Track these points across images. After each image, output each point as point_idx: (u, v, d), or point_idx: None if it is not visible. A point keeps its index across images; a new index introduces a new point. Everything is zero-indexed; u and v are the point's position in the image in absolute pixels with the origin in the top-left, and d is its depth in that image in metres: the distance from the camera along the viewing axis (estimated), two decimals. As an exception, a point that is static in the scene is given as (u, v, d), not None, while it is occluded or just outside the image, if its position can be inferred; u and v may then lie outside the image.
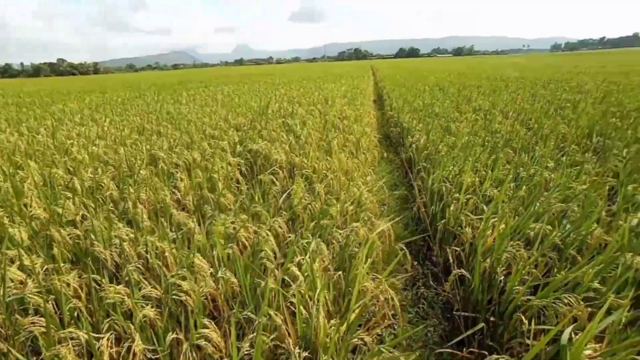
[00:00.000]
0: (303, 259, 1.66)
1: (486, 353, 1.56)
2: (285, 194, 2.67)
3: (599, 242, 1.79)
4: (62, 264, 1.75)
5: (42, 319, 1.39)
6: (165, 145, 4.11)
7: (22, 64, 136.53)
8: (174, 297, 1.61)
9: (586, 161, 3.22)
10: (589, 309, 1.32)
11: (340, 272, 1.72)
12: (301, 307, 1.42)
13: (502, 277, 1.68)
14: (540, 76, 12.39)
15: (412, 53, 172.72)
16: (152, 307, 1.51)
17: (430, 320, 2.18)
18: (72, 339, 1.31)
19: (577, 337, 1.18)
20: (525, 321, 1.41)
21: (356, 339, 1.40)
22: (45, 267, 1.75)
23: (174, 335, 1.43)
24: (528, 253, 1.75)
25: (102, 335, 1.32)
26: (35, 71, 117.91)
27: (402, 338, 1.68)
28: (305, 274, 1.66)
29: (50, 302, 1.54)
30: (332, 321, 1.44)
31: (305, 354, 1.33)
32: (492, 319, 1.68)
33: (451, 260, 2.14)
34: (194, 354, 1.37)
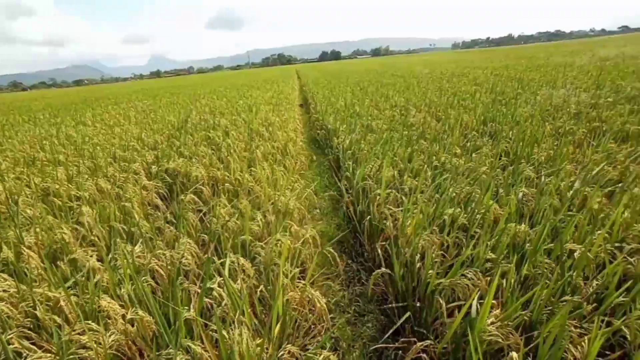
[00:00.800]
0: (222, 280, 1.55)
1: (416, 340, 1.63)
2: (203, 213, 2.50)
3: (496, 216, 2.00)
4: None
5: None
6: (63, 175, 3.56)
7: None
8: (74, 356, 1.37)
9: (484, 145, 3.65)
10: (489, 279, 1.45)
11: (262, 287, 1.65)
12: (223, 332, 1.32)
13: (419, 264, 1.77)
14: (445, 71, 13.85)
15: (335, 56, 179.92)
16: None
17: (367, 316, 2.23)
18: None
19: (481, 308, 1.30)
20: (442, 302, 1.50)
21: (283, 352, 1.34)
22: None
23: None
24: (442, 238, 1.88)
25: None
26: None
27: (324, 341, 1.66)
28: (229, 294, 1.55)
29: None
30: (258, 340, 1.35)
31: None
32: (418, 305, 1.77)
33: (380, 255, 2.21)
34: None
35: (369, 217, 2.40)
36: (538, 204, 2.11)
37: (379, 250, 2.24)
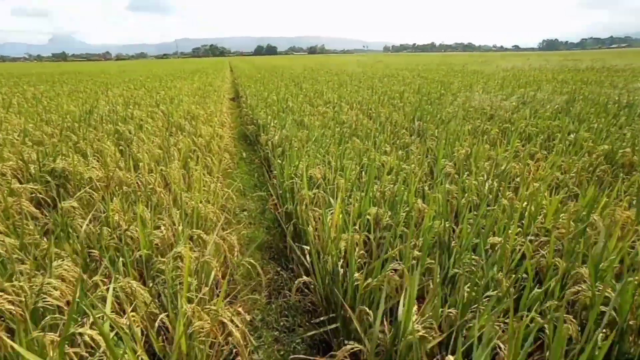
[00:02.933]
0: (101, 315, 1.19)
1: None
2: (99, 223, 2.02)
3: (422, 214, 1.96)
4: None
5: None
6: None
7: None
8: None
9: (412, 142, 3.73)
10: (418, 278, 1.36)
11: (162, 316, 1.32)
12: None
13: (343, 270, 1.63)
14: (376, 72, 14.42)
15: (270, 51, 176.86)
16: None
17: (297, 331, 2.02)
18: None
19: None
20: (365, 307, 1.37)
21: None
22: None
23: None
24: (364, 236, 1.77)
25: None
26: None
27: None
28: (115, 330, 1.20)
29: None
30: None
31: None
32: (347, 314, 1.62)
33: (306, 261, 2.02)
34: None
35: (292, 221, 2.20)
36: (459, 201, 2.14)
37: (305, 256, 2.05)
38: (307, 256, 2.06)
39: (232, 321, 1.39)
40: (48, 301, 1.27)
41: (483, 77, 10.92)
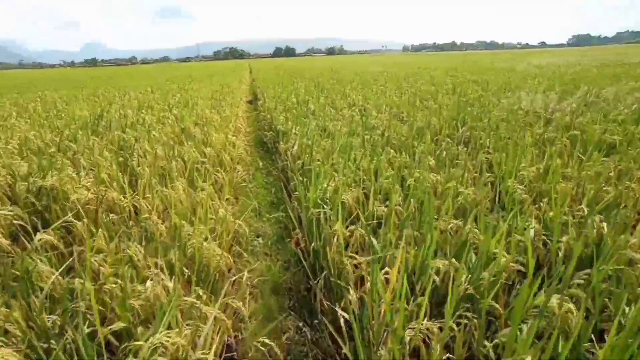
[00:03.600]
0: None
1: None
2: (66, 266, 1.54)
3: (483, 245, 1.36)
4: None
5: None
6: None
7: None
8: None
9: (460, 153, 3.09)
10: None
11: None
12: None
13: None
14: (399, 71, 13.68)
15: (289, 52, 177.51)
16: None
17: None
18: None
19: None
20: None
21: None
22: None
23: None
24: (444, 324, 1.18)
25: None
26: None
27: None
28: None
29: None
30: None
31: None
32: None
33: (343, 329, 1.46)
34: None
35: (324, 273, 1.64)
36: (559, 248, 1.51)
37: (341, 321, 1.49)
38: (340, 319, 1.50)
39: None
40: None
41: (517, 75, 10.01)
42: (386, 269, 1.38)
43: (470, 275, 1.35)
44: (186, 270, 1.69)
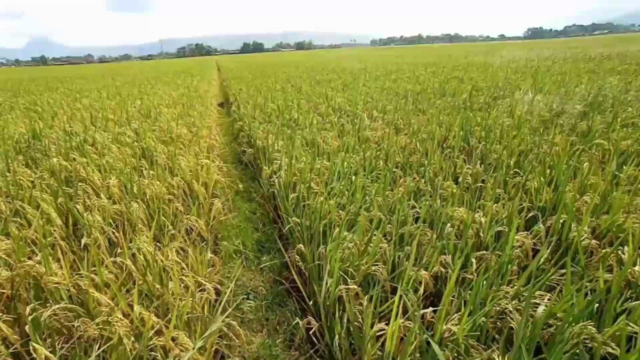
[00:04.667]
0: None
1: None
2: None
3: None
4: None
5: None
6: None
7: None
8: None
9: (475, 170, 2.64)
10: None
11: None
12: None
13: None
14: (377, 67, 13.29)
15: (257, 48, 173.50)
16: None
17: None
18: None
19: None
20: None
21: None
22: None
23: None
24: None
25: None
26: None
27: None
28: None
29: None
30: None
31: None
32: None
33: None
34: None
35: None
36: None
37: None
38: None
39: None
40: None
41: (497, 70, 9.89)
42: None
43: None
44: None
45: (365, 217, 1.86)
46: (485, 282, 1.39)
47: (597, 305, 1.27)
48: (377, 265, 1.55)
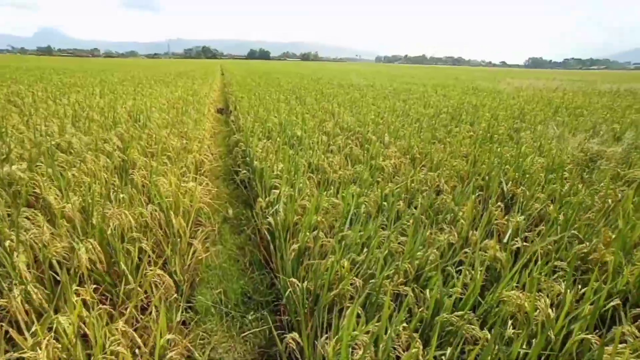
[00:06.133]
0: None
1: None
2: None
3: None
4: None
5: None
6: None
7: None
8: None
9: (520, 229, 2.16)
10: None
11: None
12: None
13: None
14: (385, 84, 12.97)
15: (263, 55, 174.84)
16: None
17: None
18: None
19: None
20: None
21: None
22: None
23: None
24: None
25: None
26: None
27: None
28: None
29: None
30: None
31: None
32: None
33: None
34: None
35: None
36: None
37: None
38: None
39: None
40: None
41: (507, 98, 9.58)
42: None
43: None
44: None
45: (389, 298, 1.36)
46: None
47: None
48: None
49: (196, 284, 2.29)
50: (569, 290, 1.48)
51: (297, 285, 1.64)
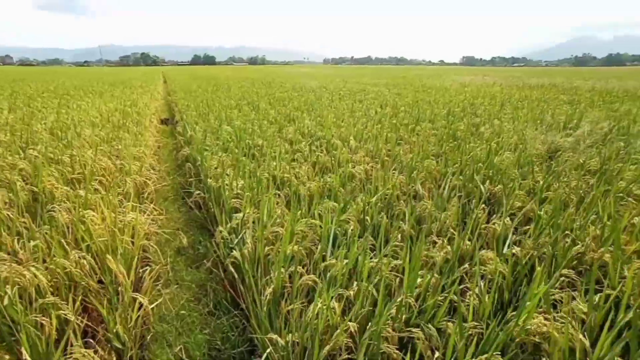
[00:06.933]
0: None
1: None
2: None
3: None
4: None
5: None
6: None
7: None
8: None
9: (520, 237, 2.02)
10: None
11: None
12: None
13: None
14: (338, 87, 12.91)
15: (209, 61, 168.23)
16: None
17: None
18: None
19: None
20: None
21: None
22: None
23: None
24: None
25: None
26: None
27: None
28: None
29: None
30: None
31: None
32: None
33: None
34: None
35: None
36: None
37: None
38: None
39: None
40: None
41: (456, 94, 10.01)
42: None
43: None
44: None
45: (395, 348, 1.07)
46: None
47: None
48: None
49: (147, 343, 1.82)
50: (594, 310, 1.31)
51: (279, 342, 1.29)
